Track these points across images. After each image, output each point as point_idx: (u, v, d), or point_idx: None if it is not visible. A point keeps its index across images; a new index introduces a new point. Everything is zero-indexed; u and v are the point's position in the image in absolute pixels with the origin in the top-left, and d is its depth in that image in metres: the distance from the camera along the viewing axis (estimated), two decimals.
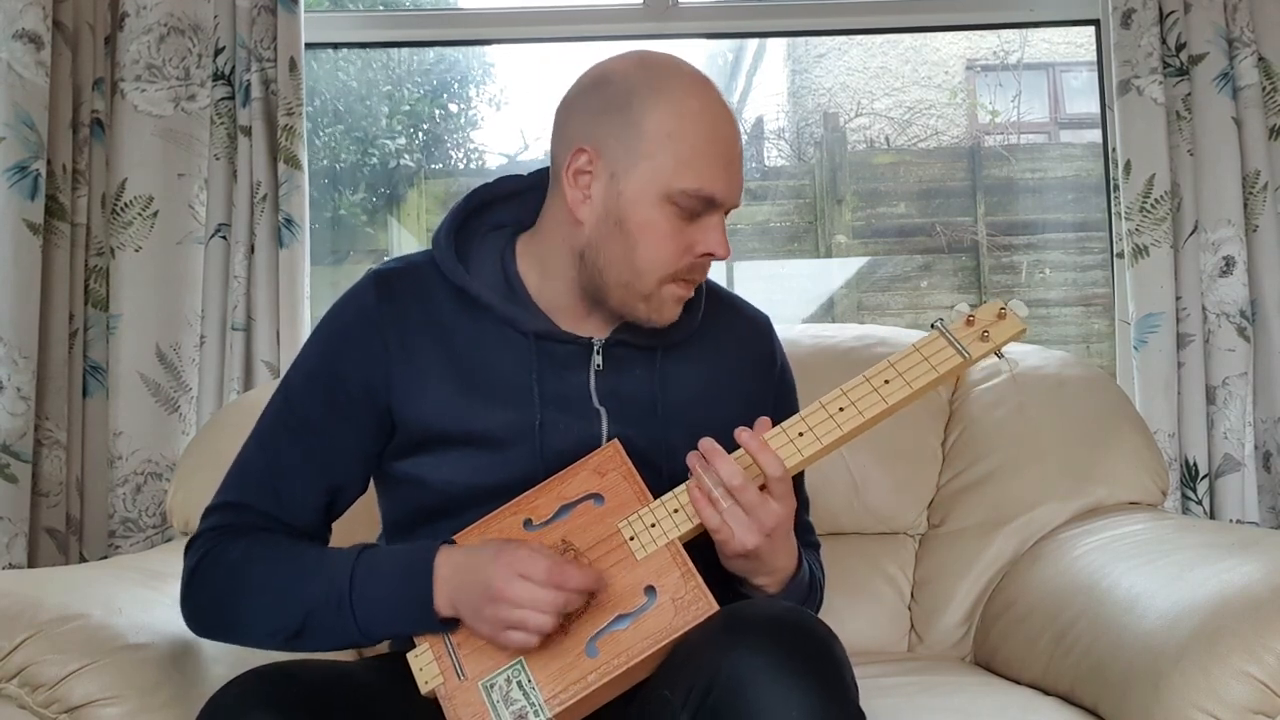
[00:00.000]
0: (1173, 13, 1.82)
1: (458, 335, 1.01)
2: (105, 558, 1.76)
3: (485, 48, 2.41)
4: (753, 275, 2.34)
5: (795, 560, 0.98)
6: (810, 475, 1.14)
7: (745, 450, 0.91)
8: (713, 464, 0.90)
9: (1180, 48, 1.83)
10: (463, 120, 2.46)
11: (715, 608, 0.87)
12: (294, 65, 1.83)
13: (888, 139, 2.51)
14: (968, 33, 2.52)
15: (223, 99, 1.86)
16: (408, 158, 2.39)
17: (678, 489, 0.94)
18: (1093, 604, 1.12)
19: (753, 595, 0.97)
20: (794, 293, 2.38)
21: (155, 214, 1.87)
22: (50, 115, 1.74)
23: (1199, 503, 1.80)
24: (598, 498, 0.95)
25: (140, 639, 1.03)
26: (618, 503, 0.94)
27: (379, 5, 2.44)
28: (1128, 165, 1.83)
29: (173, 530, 1.68)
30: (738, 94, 2.74)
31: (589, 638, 0.88)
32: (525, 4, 2.10)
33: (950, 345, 0.95)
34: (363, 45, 2.26)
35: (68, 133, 1.80)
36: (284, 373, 1.08)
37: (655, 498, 0.94)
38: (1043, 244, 2.35)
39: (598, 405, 1.01)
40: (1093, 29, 2.06)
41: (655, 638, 0.87)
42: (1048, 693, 1.15)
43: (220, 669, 1.05)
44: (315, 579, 0.93)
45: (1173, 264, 1.81)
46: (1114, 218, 1.91)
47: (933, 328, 0.97)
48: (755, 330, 1.15)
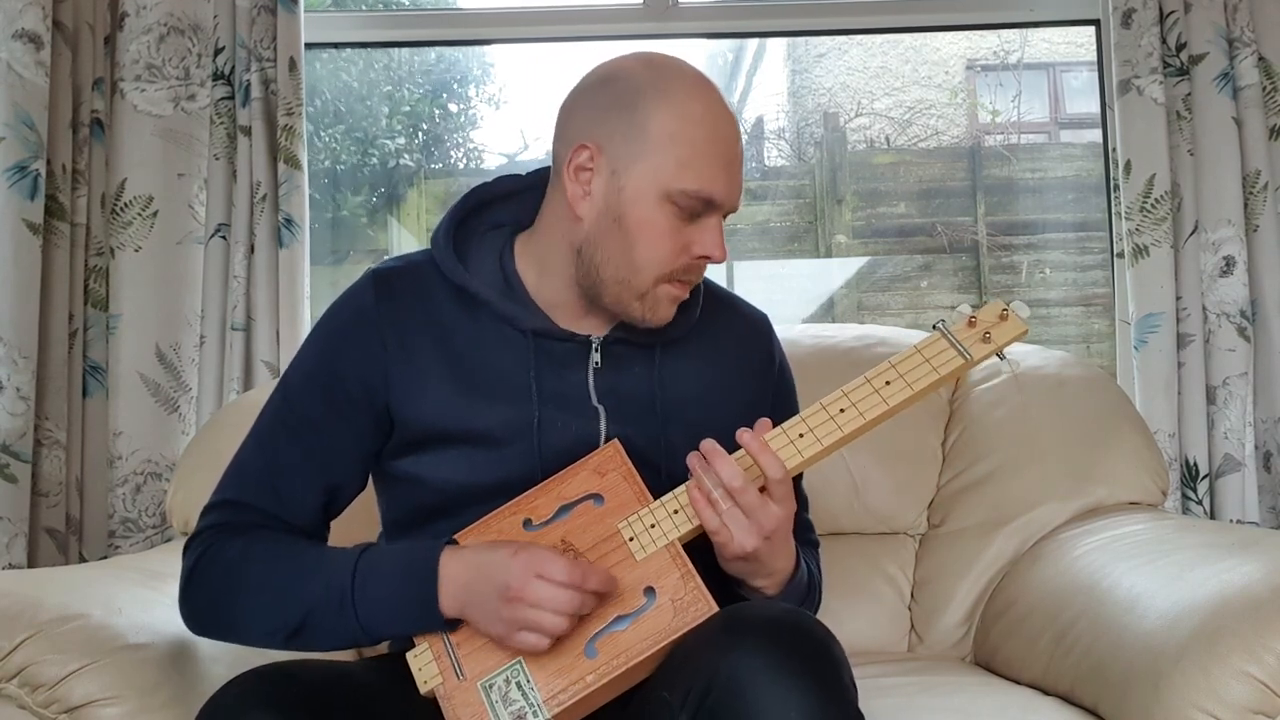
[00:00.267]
0: (1173, 13, 1.82)
1: (456, 334, 1.01)
2: (105, 558, 1.76)
3: (485, 47, 2.41)
4: (753, 275, 2.34)
5: (794, 562, 0.98)
6: (810, 475, 1.13)
7: (746, 451, 0.91)
8: (713, 465, 0.90)
9: (1180, 48, 1.83)
10: (462, 120, 2.46)
11: (714, 609, 0.87)
12: (294, 65, 1.83)
13: (888, 139, 2.51)
14: (968, 33, 2.52)
15: (222, 99, 1.86)
16: (407, 157, 2.39)
17: (678, 490, 0.94)
18: (1093, 604, 1.12)
19: (751, 597, 0.97)
20: (794, 293, 2.38)
21: (155, 214, 1.87)
22: (50, 115, 1.74)
23: (1199, 503, 1.79)
24: (597, 498, 0.94)
25: (140, 639, 1.03)
26: (617, 503, 0.94)
27: (379, 5, 2.44)
28: (1128, 165, 1.83)
29: (172, 530, 1.68)
30: (738, 94, 2.74)
31: (588, 638, 0.88)
32: (525, 4, 2.10)
33: (952, 346, 0.95)
34: (362, 45, 2.26)
35: (67, 133, 1.80)
36: (283, 371, 1.08)
37: (655, 498, 0.94)
38: (1043, 244, 2.35)
39: (596, 403, 1.01)
40: (1093, 29, 2.06)
41: (654, 639, 0.87)
42: (1048, 693, 1.15)
43: (220, 669, 1.05)
44: (316, 578, 0.93)
45: (1173, 264, 1.81)
46: (1114, 218, 1.91)
47: (934, 328, 0.97)
48: (754, 329, 1.15)
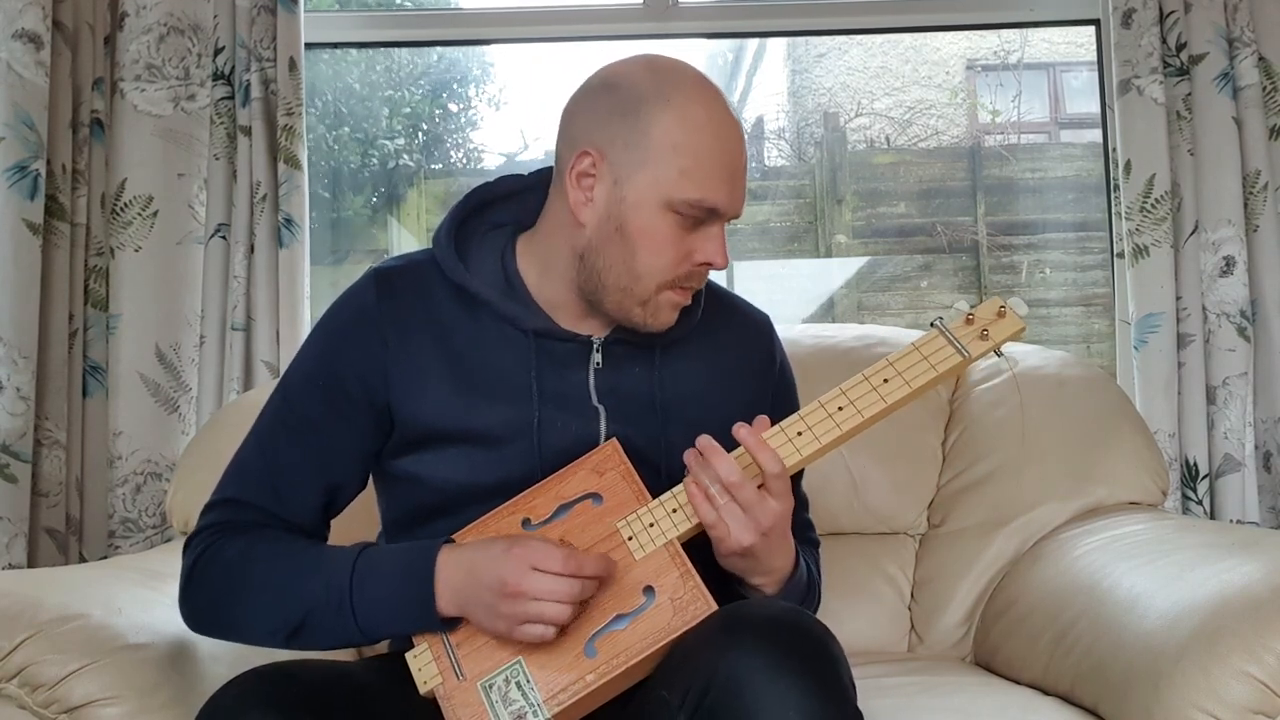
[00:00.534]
0: (1173, 13, 1.82)
1: (457, 333, 1.01)
2: (105, 558, 1.76)
3: (485, 48, 2.41)
4: (753, 275, 2.34)
5: (792, 560, 0.98)
6: (810, 475, 1.14)
7: (744, 447, 0.91)
8: (710, 461, 0.90)
9: (1180, 48, 1.83)
10: (462, 120, 2.46)
11: (714, 608, 0.87)
12: (294, 65, 1.83)
13: (888, 139, 2.51)
14: (968, 33, 2.52)
15: (222, 99, 1.86)
16: (407, 158, 2.39)
17: (676, 488, 0.94)
18: (1093, 604, 1.12)
19: (750, 595, 0.97)
20: (794, 293, 2.38)
21: (155, 214, 1.87)
22: (50, 115, 1.74)
23: (1199, 503, 1.79)
24: (596, 497, 0.94)
25: (140, 639, 1.03)
26: (616, 502, 0.94)
27: (377, 5, 2.44)
28: (1128, 165, 1.83)
29: (172, 530, 1.68)
30: (738, 94, 2.74)
31: (588, 638, 0.88)
32: (525, 4, 2.10)
33: (950, 344, 0.95)
34: (363, 45, 2.26)
35: (67, 133, 1.80)
36: (284, 370, 1.08)
37: (654, 497, 0.94)
38: (1043, 244, 2.35)
39: (596, 403, 1.01)
40: (1093, 29, 2.06)
41: (654, 638, 0.87)
42: (1048, 693, 1.15)
43: (220, 669, 1.05)
44: (315, 578, 0.93)
45: (1173, 264, 1.81)
46: (1114, 218, 1.91)
47: (932, 326, 0.97)
48: (755, 330, 1.15)
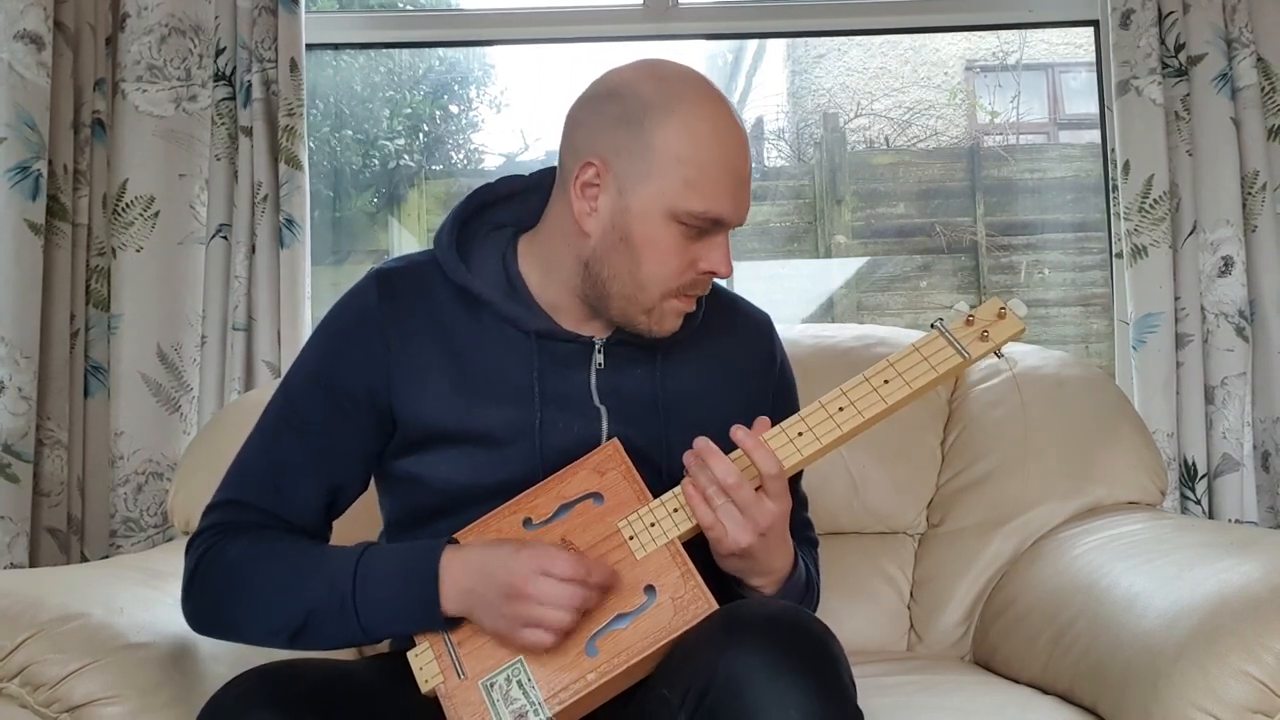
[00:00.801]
0: (1172, 13, 1.83)
1: (459, 334, 1.01)
2: (106, 557, 1.76)
3: (486, 49, 2.41)
4: (753, 275, 2.34)
5: (791, 560, 0.98)
6: (809, 475, 1.14)
7: (741, 449, 0.91)
8: (707, 462, 0.90)
9: (1179, 48, 1.83)
10: (463, 121, 2.47)
11: (714, 607, 0.87)
12: (295, 66, 1.83)
13: (887, 139, 2.52)
14: (967, 33, 2.53)
15: (224, 99, 1.86)
16: (408, 158, 2.39)
17: (677, 489, 0.94)
18: (1092, 603, 1.12)
19: (749, 596, 0.98)
20: (794, 293, 2.39)
21: (156, 214, 1.87)
22: (51, 116, 1.74)
23: (1197, 502, 1.80)
24: (597, 497, 0.95)
25: (141, 638, 1.03)
26: (617, 502, 0.94)
27: (377, 6, 2.44)
28: (1126, 165, 1.83)
29: (174, 530, 1.68)
30: (737, 95, 2.74)
31: (589, 637, 0.88)
32: (526, 5, 2.10)
33: (950, 345, 0.96)
34: (363, 46, 2.26)
35: (69, 133, 1.81)
36: (286, 371, 1.08)
37: (655, 497, 0.94)
38: (1042, 244, 2.35)
39: (598, 404, 1.01)
40: (1092, 29, 2.06)
41: (654, 637, 0.87)
42: (1047, 692, 1.15)
43: (221, 668, 1.05)
44: (317, 578, 0.94)
45: (1171, 264, 1.81)
46: (1113, 218, 1.91)
47: (932, 327, 0.97)
48: (756, 329, 1.15)
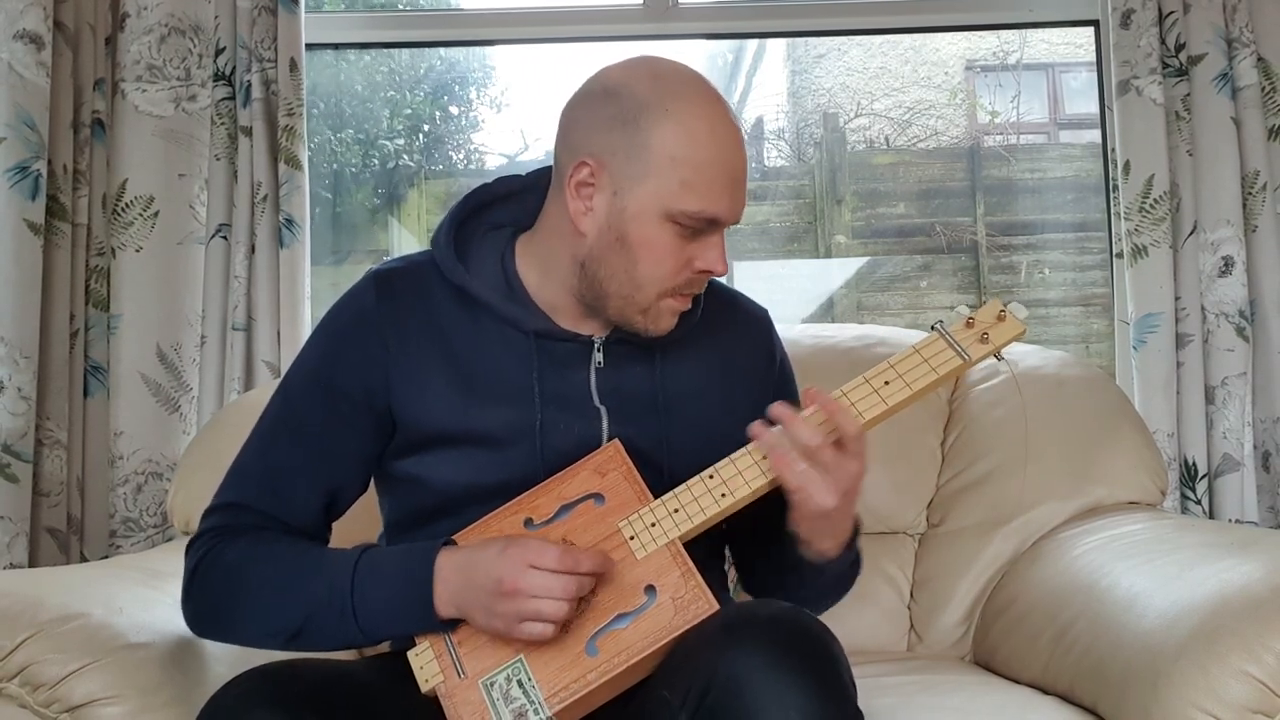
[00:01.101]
0: (1172, 13, 1.82)
1: (457, 335, 1.01)
2: (106, 557, 1.76)
3: (486, 50, 2.41)
4: (753, 275, 2.34)
5: (852, 525, 0.99)
6: None
7: (820, 410, 0.91)
8: (789, 427, 0.90)
9: (1179, 48, 1.83)
10: (463, 121, 2.47)
11: (715, 607, 0.87)
12: (294, 65, 1.83)
13: (887, 139, 2.52)
14: (967, 33, 2.53)
15: (223, 99, 1.86)
16: (408, 158, 2.39)
17: (678, 489, 0.94)
18: (1092, 603, 1.12)
19: (806, 557, 0.97)
20: (794, 293, 2.39)
21: (156, 214, 1.87)
22: (51, 115, 1.74)
23: (1198, 502, 1.80)
24: (598, 497, 0.95)
25: (141, 638, 1.03)
26: (618, 502, 0.94)
27: (384, 6, 2.44)
28: (1127, 165, 1.83)
29: (174, 530, 1.68)
30: (738, 94, 2.74)
31: (589, 636, 0.88)
32: (526, 5, 2.10)
33: (950, 347, 0.96)
34: (363, 46, 2.26)
35: (68, 133, 1.81)
36: (284, 372, 1.08)
37: (655, 497, 0.94)
38: (1042, 244, 2.35)
39: (598, 403, 1.01)
40: (1092, 29, 2.06)
41: (655, 636, 0.87)
42: (1047, 692, 1.15)
43: (221, 668, 1.05)
44: (316, 580, 0.94)
45: (1172, 264, 1.81)
46: (1113, 218, 1.91)
47: (932, 329, 0.97)
48: (754, 325, 1.15)
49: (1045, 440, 1.49)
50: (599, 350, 1.02)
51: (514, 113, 2.40)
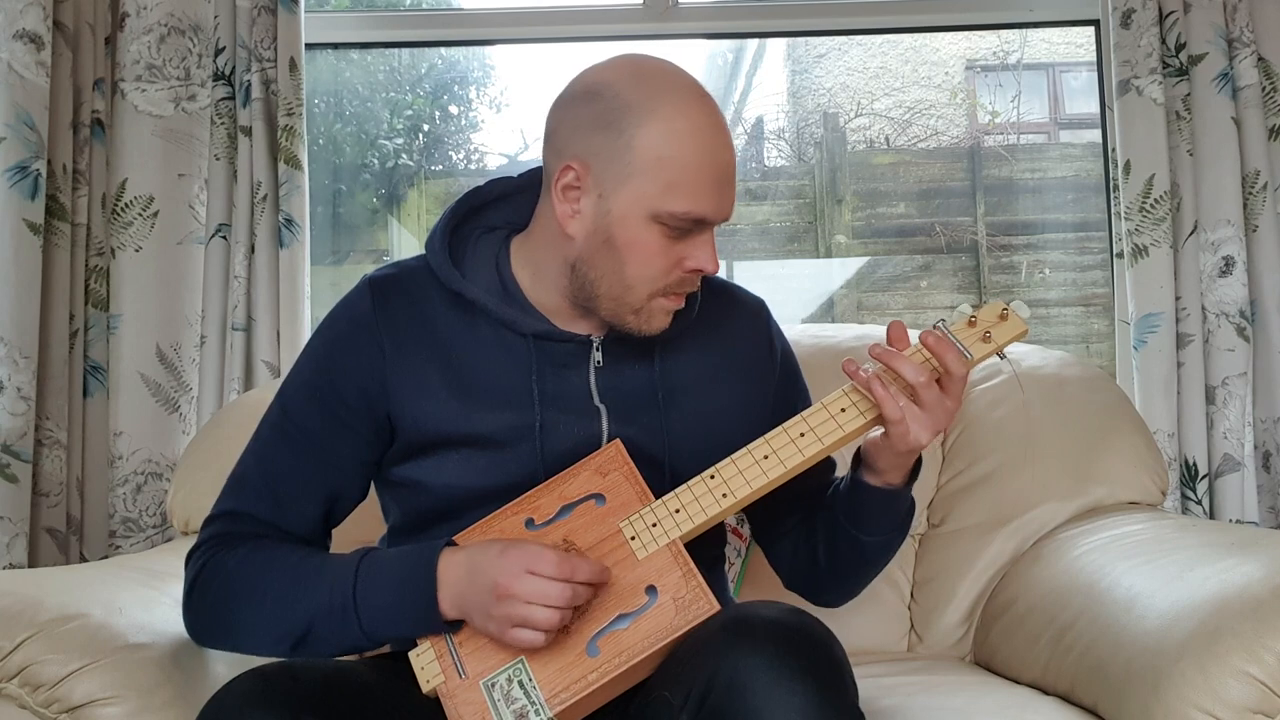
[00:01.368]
0: (1172, 13, 1.82)
1: (454, 339, 1.01)
2: (105, 557, 1.76)
3: (486, 50, 2.41)
4: (753, 275, 2.34)
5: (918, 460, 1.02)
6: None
7: (929, 350, 0.94)
8: (892, 364, 0.93)
9: (1180, 48, 1.83)
10: (463, 122, 2.46)
11: (716, 607, 0.87)
12: (294, 65, 1.83)
13: (888, 139, 2.52)
14: (968, 33, 2.52)
15: (223, 99, 1.86)
16: (408, 158, 2.39)
17: (679, 489, 0.94)
18: (1092, 604, 1.12)
19: (872, 484, 1.00)
20: (794, 293, 2.38)
21: (155, 214, 1.87)
22: (50, 115, 1.74)
23: (1198, 503, 1.80)
24: (599, 497, 0.95)
25: (141, 639, 1.03)
26: (619, 503, 0.94)
27: (386, 6, 2.44)
28: (1127, 165, 1.83)
29: (173, 530, 1.68)
30: (737, 94, 2.74)
31: (590, 637, 0.88)
32: (526, 5, 2.10)
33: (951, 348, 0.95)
34: (363, 45, 2.26)
35: (68, 133, 1.81)
36: (283, 377, 1.08)
37: (656, 497, 0.94)
38: (1042, 244, 2.35)
39: (598, 403, 1.01)
40: (1092, 29, 2.06)
41: (656, 637, 0.87)
42: (1047, 692, 1.15)
43: (221, 669, 1.05)
44: (317, 586, 0.94)
45: (1172, 264, 1.81)
46: (1113, 218, 1.91)
47: (935, 328, 0.97)
48: (751, 315, 1.15)
49: (1046, 440, 1.49)
50: (598, 350, 1.02)
51: (514, 113, 2.40)
